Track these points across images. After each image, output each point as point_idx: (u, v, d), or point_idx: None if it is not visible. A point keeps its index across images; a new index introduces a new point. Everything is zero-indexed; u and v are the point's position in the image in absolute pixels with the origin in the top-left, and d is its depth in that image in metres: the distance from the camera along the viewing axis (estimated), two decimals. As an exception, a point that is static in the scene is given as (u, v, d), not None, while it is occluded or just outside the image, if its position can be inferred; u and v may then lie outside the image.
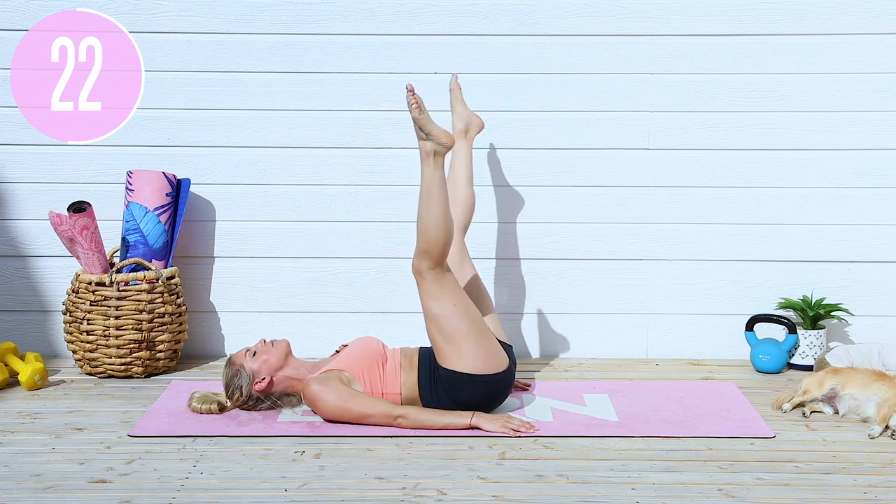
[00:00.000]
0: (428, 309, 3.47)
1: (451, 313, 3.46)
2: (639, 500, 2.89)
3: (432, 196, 3.43)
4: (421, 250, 3.43)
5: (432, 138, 3.44)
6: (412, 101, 3.44)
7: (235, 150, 4.34)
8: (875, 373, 3.61)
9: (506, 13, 4.27)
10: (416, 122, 3.44)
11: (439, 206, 3.42)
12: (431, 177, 3.44)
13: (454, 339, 3.46)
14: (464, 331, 3.46)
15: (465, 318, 3.47)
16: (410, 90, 3.45)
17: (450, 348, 3.47)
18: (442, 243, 3.42)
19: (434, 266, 3.44)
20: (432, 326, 3.48)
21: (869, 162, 4.31)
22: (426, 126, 3.44)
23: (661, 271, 4.38)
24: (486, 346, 3.50)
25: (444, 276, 3.47)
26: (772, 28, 4.26)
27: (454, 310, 3.46)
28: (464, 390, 3.49)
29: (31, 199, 4.35)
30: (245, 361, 3.59)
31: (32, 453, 3.24)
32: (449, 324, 3.45)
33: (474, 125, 4.03)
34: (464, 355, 3.47)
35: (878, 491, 2.95)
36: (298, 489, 2.95)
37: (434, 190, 3.43)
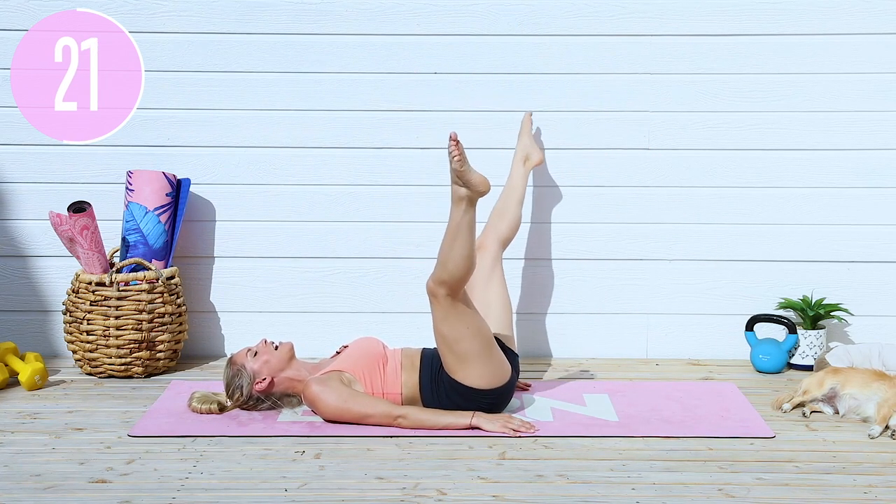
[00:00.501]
0: (439, 329, 3.45)
1: (463, 336, 3.44)
2: (639, 500, 2.89)
3: (459, 236, 3.39)
4: (439, 279, 3.39)
5: (470, 187, 3.38)
6: (455, 153, 3.33)
7: (235, 150, 4.34)
8: (875, 373, 3.61)
9: (506, 13, 4.27)
10: (455, 171, 3.35)
11: (464, 247, 3.38)
12: (461, 219, 3.39)
13: (463, 359, 3.46)
14: (474, 352, 3.45)
15: (476, 339, 3.45)
16: (454, 140, 3.32)
17: (458, 365, 3.47)
18: (460, 279, 3.39)
19: (449, 294, 3.40)
20: (443, 345, 3.47)
21: (869, 162, 4.31)
22: (465, 176, 3.35)
23: (661, 271, 4.37)
24: (494, 366, 3.50)
25: (457, 303, 3.42)
26: (772, 28, 4.26)
27: (466, 332, 3.44)
28: (465, 398, 3.49)
29: (31, 199, 4.35)
30: (246, 361, 3.59)
31: (32, 453, 3.24)
32: (460, 346, 3.44)
33: (534, 158, 4.12)
34: (470, 373, 3.47)
35: (878, 491, 2.95)
36: (298, 489, 2.95)
37: (463, 231, 3.39)
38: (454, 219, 3.40)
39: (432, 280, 3.41)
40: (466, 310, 3.44)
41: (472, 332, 3.44)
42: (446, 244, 3.40)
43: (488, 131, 4.31)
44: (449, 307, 3.41)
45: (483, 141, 4.30)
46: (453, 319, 3.42)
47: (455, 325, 3.42)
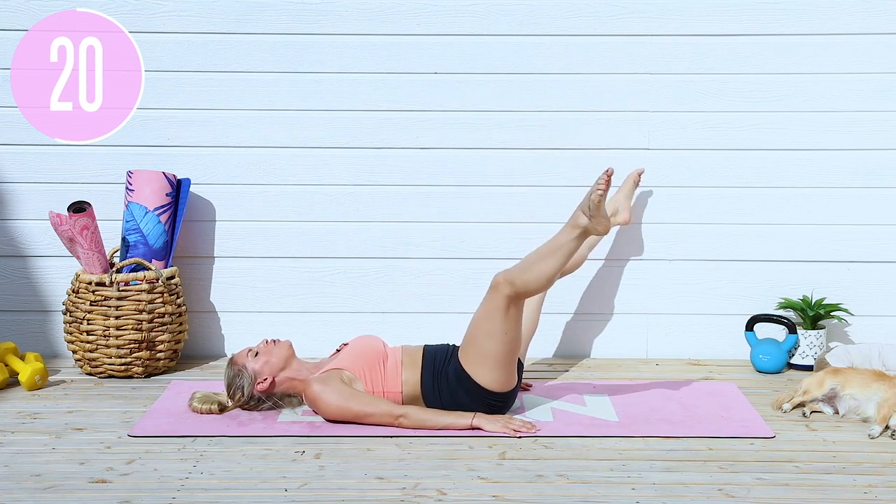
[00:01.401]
0: (479, 322, 3.48)
1: (497, 337, 3.46)
2: (639, 500, 2.89)
3: (554, 256, 3.44)
4: (511, 278, 3.43)
5: (593, 221, 3.42)
6: (602, 188, 3.39)
7: (235, 150, 4.34)
8: (875, 373, 3.61)
9: (506, 13, 4.27)
10: (592, 202, 3.40)
11: (554, 268, 3.44)
12: (566, 243, 3.44)
13: (484, 357, 3.47)
14: (497, 356, 3.47)
15: (505, 346, 3.47)
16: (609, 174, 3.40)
17: (477, 360, 3.49)
18: (530, 291, 3.45)
19: (512, 296, 3.44)
20: (473, 332, 3.49)
21: (869, 162, 4.31)
22: (597, 211, 3.41)
23: (661, 271, 4.38)
24: (505, 374, 3.51)
25: (514, 307, 3.46)
26: (772, 28, 4.26)
27: (502, 336, 3.46)
28: (469, 394, 3.49)
29: (31, 199, 4.35)
30: (247, 362, 3.59)
31: (32, 453, 3.24)
32: (489, 344, 3.46)
33: (621, 217, 4.16)
34: (484, 372, 3.48)
35: (878, 491, 2.95)
36: (298, 489, 2.95)
37: (560, 254, 3.44)
38: (560, 239, 3.45)
39: (505, 276, 3.45)
40: (514, 317, 3.47)
41: (507, 338, 3.47)
42: (538, 255, 3.45)
43: (488, 131, 4.31)
44: (502, 307, 3.44)
45: (483, 141, 4.31)
46: (498, 319, 3.45)
47: (496, 325, 3.45)
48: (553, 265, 3.43)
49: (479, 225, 4.35)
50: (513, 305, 3.45)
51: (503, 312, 3.44)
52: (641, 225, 4.36)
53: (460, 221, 4.35)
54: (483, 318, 3.47)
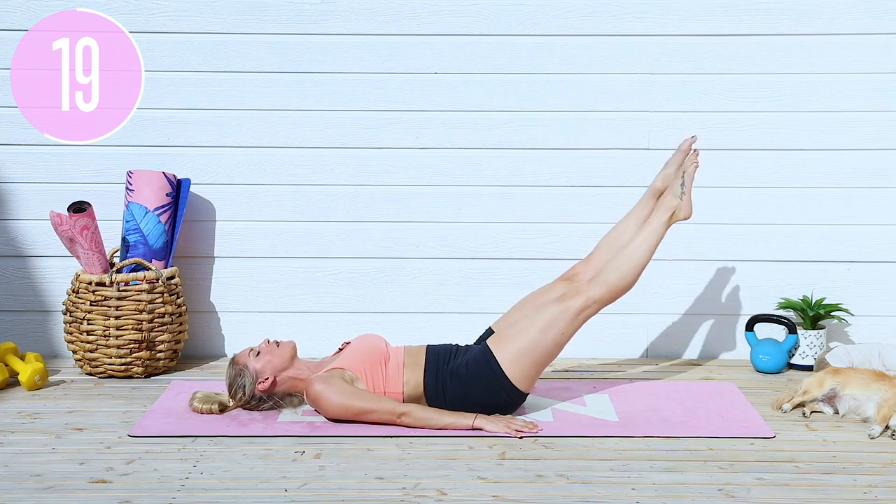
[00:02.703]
0: (546, 310, 3.53)
1: (554, 334, 3.51)
2: (639, 500, 2.89)
3: (651, 245, 3.60)
4: (605, 280, 3.54)
5: (682, 201, 3.64)
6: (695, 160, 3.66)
7: (235, 150, 4.34)
8: (875, 373, 3.61)
9: (506, 13, 4.27)
10: (686, 176, 3.59)
11: (648, 255, 3.58)
12: (658, 229, 3.62)
13: (528, 347, 3.50)
14: (538, 356, 3.51)
15: (553, 347, 3.52)
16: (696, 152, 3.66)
17: (516, 346, 3.50)
18: (624, 287, 3.56)
19: (597, 301, 3.54)
20: (529, 321, 3.53)
21: (869, 162, 4.31)
22: (688, 187, 3.59)
23: (661, 271, 4.37)
24: (534, 373, 3.54)
25: (582, 317, 3.54)
26: (772, 28, 4.26)
27: (559, 336, 3.52)
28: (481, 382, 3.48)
29: (31, 199, 4.35)
30: (249, 361, 3.59)
31: (32, 453, 3.24)
32: (542, 336, 3.50)
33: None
34: (517, 360, 3.50)
35: (878, 491, 2.95)
36: (298, 489, 2.95)
37: (654, 241, 3.61)
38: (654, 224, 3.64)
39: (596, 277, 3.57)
40: (577, 326, 3.55)
41: (559, 341, 3.52)
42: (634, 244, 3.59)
43: (488, 131, 4.31)
44: (577, 310, 3.52)
45: (483, 141, 4.31)
46: (566, 320, 3.52)
47: (561, 323, 3.51)
48: (645, 256, 3.57)
49: (479, 225, 4.35)
50: (587, 312, 3.54)
51: (572, 319, 3.52)
52: (641, 225, 4.36)
53: (460, 221, 4.36)
54: (550, 313, 3.52)
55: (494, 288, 4.36)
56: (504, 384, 3.49)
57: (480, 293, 4.37)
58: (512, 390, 3.50)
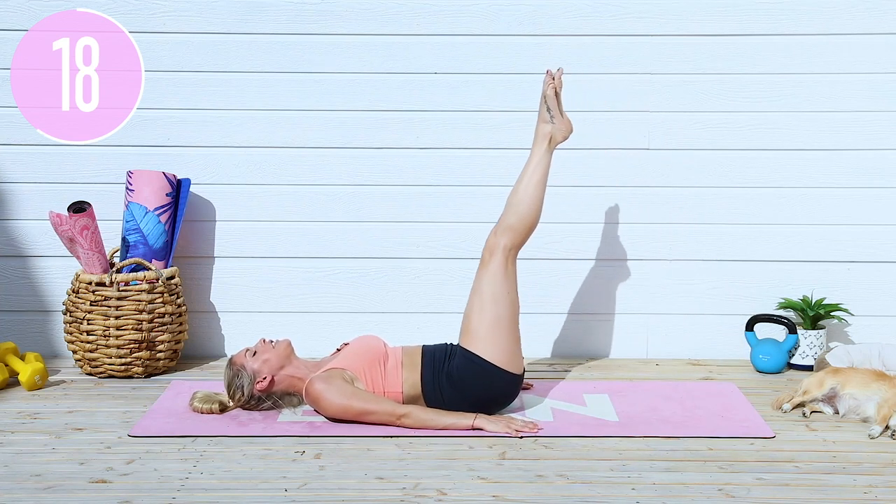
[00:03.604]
0: (481, 285, 3.52)
1: (501, 299, 3.51)
2: (639, 500, 2.89)
3: (536, 177, 3.59)
4: (506, 225, 3.53)
5: (556, 122, 3.61)
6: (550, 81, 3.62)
7: (235, 150, 4.34)
8: (875, 373, 3.61)
9: (506, 13, 4.27)
10: (545, 100, 3.60)
11: (540, 188, 3.58)
12: (541, 160, 3.62)
13: (491, 324, 3.49)
14: (503, 321, 3.50)
15: (509, 309, 3.52)
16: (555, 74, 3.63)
17: (482, 332, 3.50)
18: (530, 224, 3.56)
19: (511, 246, 3.53)
20: (477, 303, 3.52)
21: (869, 162, 4.31)
22: (554, 103, 3.61)
23: (661, 271, 4.38)
24: (514, 345, 3.53)
25: (511, 263, 3.55)
26: (772, 28, 4.26)
27: (505, 297, 3.51)
28: (474, 379, 3.48)
29: (31, 199, 4.35)
30: (246, 361, 3.59)
31: (32, 453, 3.24)
32: (496, 307, 3.50)
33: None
34: (491, 343, 3.49)
35: (878, 491, 2.95)
36: (298, 489, 2.95)
37: (539, 173, 3.60)
38: (534, 159, 3.62)
39: (497, 231, 3.55)
40: (513, 277, 3.55)
41: (509, 301, 3.52)
42: (522, 187, 3.57)
43: (488, 131, 4.31)
44: (501, 264, 3.52)
45: (483, 141, 4.31)
46: (501, 280, 3.51)
47: (498, 285, 3.51)
48: (538, 188, 3.57)
49: (479, 225, 4.34)
50: (511, 262, 3.53)
51: (504, 272, 3.51)
52: (642, 225, 4.36)
53: (460, 221, 4.36)
54: (486, 284, 3.51)
55: (494, 288, 4.36)
56: (495, 372, 3.49)
57: (480, 293, 4.37)
58: (504, 375, 3.50)
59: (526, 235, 3.57)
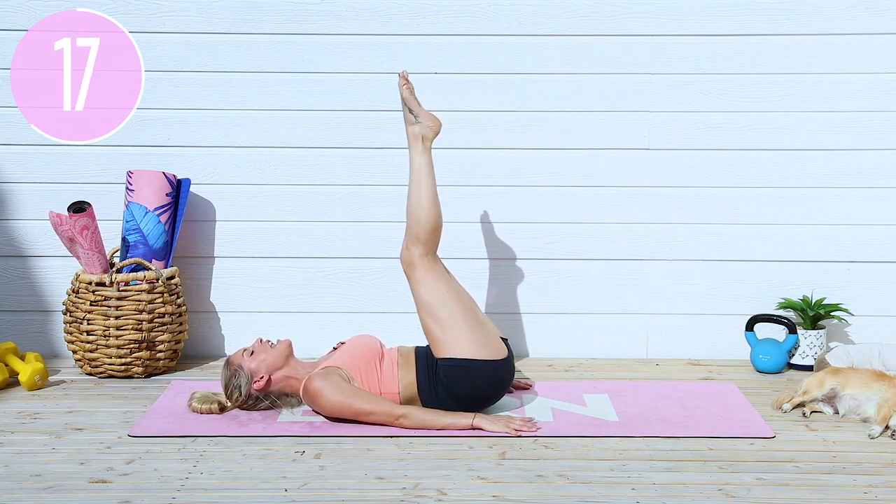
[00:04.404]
0: (420, 297, 3.53)
1: (444, 297, 3.51)
2: (639, 500, 2.89)
3: (422, 179, 3.61)
4: (413, 236, 3.54)
5: (421, 120, 3.62)
6: (403, 83, 3.68)
7: (235, 150, 4.34)
8: (875, 373, 3.61)
9: (506, 13, 4.27)
10: (405, 103, 3.63)
11: (429, 189, 3.60)
12: (420, 161, 3.64)
13: (448, 326, 3.48)
14: (458, 315, 3.50)
15: (458, 302, 3.52)
16: (404, 76, 3.69)
17: (445, 336, 3.48)
18: (432, 227, 3.56)
19: (425, 253, 3.54)
20: (426, 316, 3.52)
21: (869, 162, 4.31)
22: (413, 104, 3.63)
23: (661, 271, 4.38)
24: (482, 332, 3.52)
25: (434, 264, 3.57)
26: (772, 28, 4.26)
27: (447, 294, 3.52)
28: (462, 380, 3.48)
29: (31, 199, 4.35)
30: (243, 361, 3.59)
31: (32, 453, 3.25)
32: (442, 309, 3.49)
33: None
34: (459, 341, 3.48)
35: (878, 491, 2.95)
36: (298, 489, 2.95)
37: (423, 173, 3.62)
38: (414, 162, 3.65)
39: (405, 246, 3.57)
40: (443, 273, 3.58)
41: (453, 294, 3.53)
42: (412, 192, 3.60)
43: (488, 131, 4.31)
44: (426, 270, 3.53)
45: (483, 141, 4.31)
46: (431, 282, 3.52)
47: (433, 288, 3.52)
48: (427, 188, 3.61)
49: (479, 225, 4.35)
50: (432, 263, 3.55)
51: (431, 274, 3.53)
52: (642, 225, 4.36)
53: (460, 221, 4.35)
54: (422, 293, 3.53)
55: (494, 288, 4.36)
56: (475, 365, 3.48)
57: (481, 293, 4.37)
58: (485, 364, 3.49)
59: (435, 237, 3.58)
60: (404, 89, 3.67)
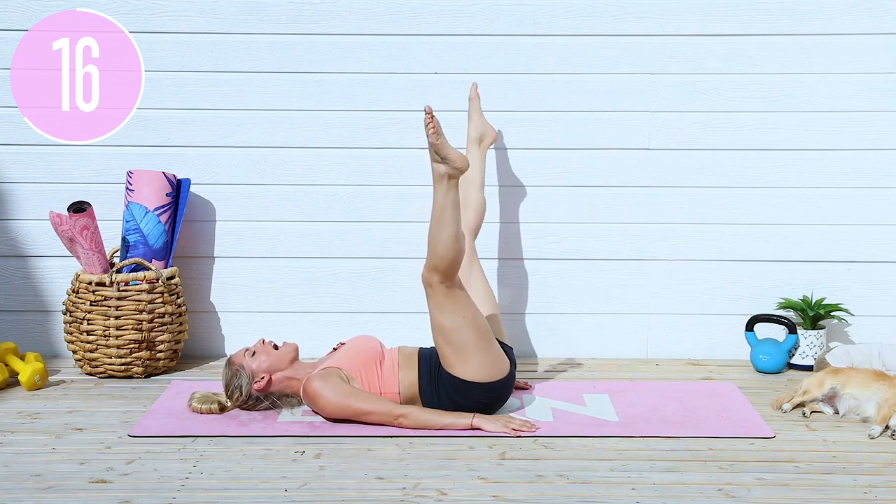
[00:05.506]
0: (436, 320, 3.45)
1: (461, 326, 3.44)
2: (639, 500, 2.89)
3: (445, 217, 3.39)
4: (431, 266, 3.41)
5: (448, 162, 3.38)
6: (430, 126, 3.35)
7: (235, 150, 4.34)
8: (875, 373, 3.61)
9: (506, 13, 4.27)
10: (432, 147, 3.37)
11: (451, 227, 3.39)
12: (445, 199, 3.39)
13: (461, 351, 3.46)
14: (472, 343, 3.45)
15: (473, 329, 3.45)
16: (429, 113, 3.35)
17: (457, 358, 3.47)
18: (451, 261, 3.40)
19: (444, 280, 3.41)
20: (439, 336, 3.47)
21: (869, 162, 4.31)
22: (442, 150, 3.36)
23: (661, 271, 4.38)
24: (492, 357, 3.50)
25: (452, 289, 3.44)
26: (772, 28, 4.26)
27: (463, 322, 3.44)
28: (465, 395, 3.49)
29: (31, 199, 4.35)
30: (244, 361, 3.59)
31: (32, 453, 3.25)
32: (457, 336, 3.45)
33: (488, 136, 4.09)
34: (469, 366, 3.46)
35: (878, 491, 2.95)
36: (298, 489, 2.95)
37: (447, 212, 3.39)
38: (438, 199, 3.41)
39: (425, 269, 3.43)
40: (462, 298, 3.46)
41: (469, 321, 3.45)
42: (433, 227, 3.41)
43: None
44: (444, 296, 3.42)
45: (483, 141, 4.31)
46: (449, 308, 3.43)
47: (452, 315, 3.43)
48: (450, 225, 3.38)
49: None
50: (453, 288, 3.43)
51: (450, 301, 3.43)
52: (641, 225, 4.36)
53: (460, 221, 4.35)
54: (439, 318, 3.45)
55: (494, 288, 4.36)
56: (479, 386, 3.48)
57: (480, 293, 4.37)
58: (489, 386, 3.49)
59: (455, 269, 3.43)
60: (431, 134, 3.35)
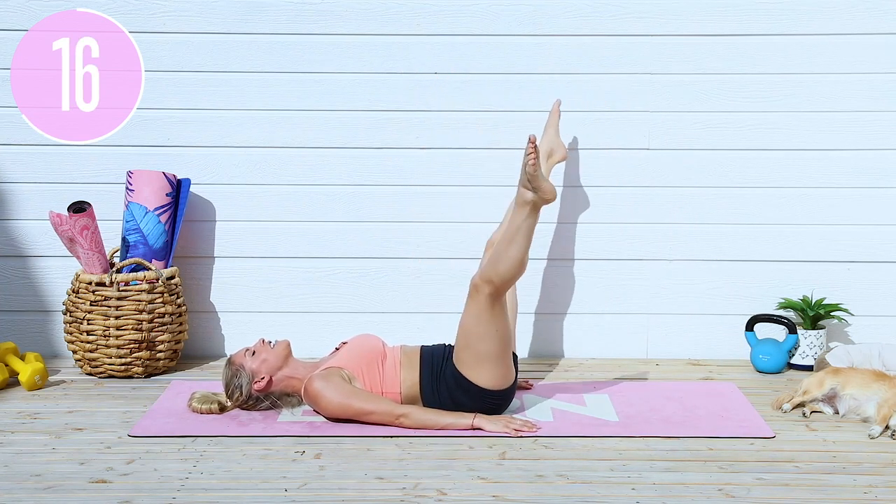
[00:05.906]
0: (467, 324, 3.46)
1: (489, 336, 3.45)
2: (639, 500, 2.89)
3: (518, 239, 3.41)
4: (487, 277, 3.42)
5: (538, 193, 3.39)
6: (530, 156, 3.34)
7: (235, 150, 4.34)
8: (875, 373, 3.61)
9: (506, 13, 4.27)
10: (529, 175, 3.35)
11: (521, 250, 3.41)
12: (523, 223, 3.41)
13: (479, 357, 3.47)
14: (493, 355, 3.47)
15: (498, 342, 3.46)
16: (532, 142, 3.32)
17: (473, 361, 3.47)
18: (508, 280, 3.42)
19: (493, 293, 3.42)
20: (465, 339, 3.48)
21: (869, 162, 4.31)
22: (536, 181, 3.36)
23: (661, 271, 4.38)
24: (504, 370, 3.51)
25: (496, 303, 3.45)
26: (772, 28, 4.26)
27: (494, 334, 3.45)
28: (470, 397, 3.49)
29: (31, 199, 4.35)
30: (244, 361, 3.60)
31: (32, 453, 3.25)
32: (482, 344, 3.45)
33: (558, 154, 4.09)
34: (481, 371, 3.47)
35: (878, 491, 2.95)
36: (298, 489, 2.95)
37: (521, 234, 3.41)
38: (515, 221, 3.42)
39: (480, 276, 3.43)
40: (500, 313, 3.46)
41: (499, 335, 3.46)
42: (503, 244, 3.42)
43: (488, 131, 4.31)
44: (487, 307, 3.43)
45: (483, 141, 4.31)
46: (486, 319, 3.44)
47: (486, 326, 3.44)
48: (519, 249, 3.41)
49: (479, 225, 4.34)
50: (496, 302, 3.44)
51: (489, 312, 3.43)
52: (642, 225, 4.36)
53: (460, 221, 4.35)
54: (472, 323, 3.45)
55: (494, 288, 4.36)
56: (485, 393, 3.49)
57: (480, 293, 4.37)
58: (494, 393, 3.50)
59: (507, 287, 3.46)
60: (530, 161, 3.32)
